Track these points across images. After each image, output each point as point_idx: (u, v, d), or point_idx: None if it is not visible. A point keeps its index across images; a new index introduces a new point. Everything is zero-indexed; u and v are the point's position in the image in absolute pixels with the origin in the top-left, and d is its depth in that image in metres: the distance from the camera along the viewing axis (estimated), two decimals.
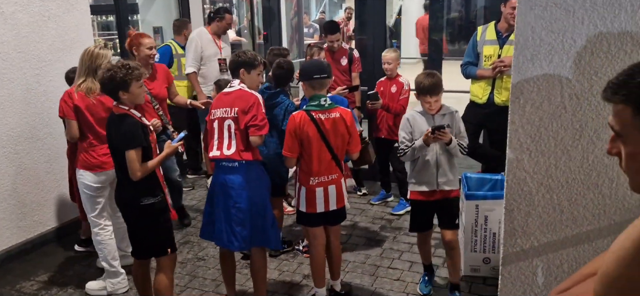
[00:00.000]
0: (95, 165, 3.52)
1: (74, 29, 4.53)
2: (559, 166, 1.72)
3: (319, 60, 3.36)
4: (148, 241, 3.07)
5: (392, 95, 4.77)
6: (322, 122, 3.11)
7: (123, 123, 2.89)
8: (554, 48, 1.65)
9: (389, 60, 4.80)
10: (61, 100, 3.50)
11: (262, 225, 3.21)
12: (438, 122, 3.23)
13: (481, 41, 4.63)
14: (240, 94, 3.13)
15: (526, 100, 1.71)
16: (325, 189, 3.20)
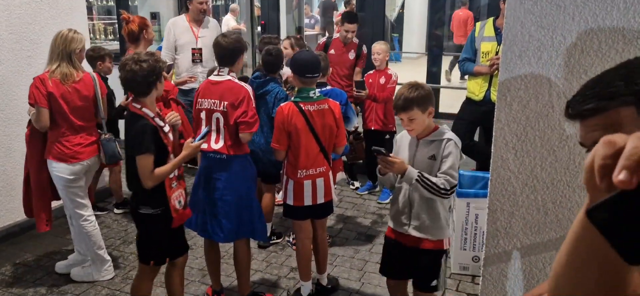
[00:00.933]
0: (69, 156, 3.37)
1: (67, 11, 4.47)
2: (545, 166, 1.67)
3: (313, 55, 3.28)
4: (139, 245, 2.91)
5: (381, 87, 4.82)
6: (310, 114, 3.07)
7: (134, 125, 2.64)
8: (543, 44, 1.60)
9: (379, 51, 4.83)
10: (32, 86, 3.27)
11: (249, 217, 3.18)
12: (420, 149, 2.54)
13: (479, 37, 4.58)
14: (230, 86, 3.04)
15: (513, 98, 1.66)
16: (314, 182, 3.16)
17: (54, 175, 3.41)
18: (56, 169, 3.38)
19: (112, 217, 4.68)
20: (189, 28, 5.07)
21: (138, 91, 2.66)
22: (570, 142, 1.63)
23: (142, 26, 3.97)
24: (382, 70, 4.86)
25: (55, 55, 3.31)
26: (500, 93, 1.69)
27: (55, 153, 3.37)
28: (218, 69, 3.10)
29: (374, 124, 4.95)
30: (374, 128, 4.95)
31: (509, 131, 1.69)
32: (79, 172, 3.44)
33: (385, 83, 4.82)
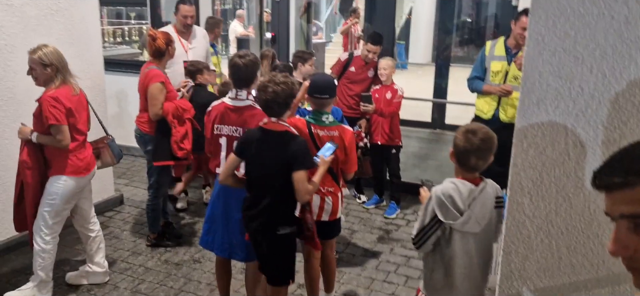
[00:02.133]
0: (83, 169, 3.41)
1: (81, 21, 4.52)
2: (560, 212, 1.69)
3: (326, 78, 3.28)
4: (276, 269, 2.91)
5: (387, 102, 4.88)
6: (318, 138, 3.08)
7: (293, 142, 2.67)
8: (560, 94, 1.62)
9: (385, 67, 4.91)
10: (49, 107, 3.19)
11: None
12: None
13: (490, 56, 4.60)
14: (251, 113, 3.06)
15: (530, 144, 1.69)
16: (322, 199, 3.18)
17: (59, 192, 3.35)
18: (65, 184, 3.35)
19: (120, 227, 4.72)
20: (177, 39, 4.85)
21: (278, 111, 2.74)
22: (585, 190, 1.65)
23: (168, 42, 4.02)
24: (388, 85, 4.92)
25: (61, 68, 3.32)
26: (516, 138, 1.71)
27: (71, 169, 3.37)
28: (235, 91, 3.11)
29: (380, 139, 4.99)
30: (380, 143, 4.99)
31: (524, 176, 1.71)
32: (84, 186, 3.49)
33: (392, 98, 4.88)
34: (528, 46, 1.63)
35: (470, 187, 2.31)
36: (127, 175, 6.02)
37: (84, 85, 4.57)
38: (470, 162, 2.30)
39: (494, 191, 2.40)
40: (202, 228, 3.36)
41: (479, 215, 2.30)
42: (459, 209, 2.27)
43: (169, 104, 3.93)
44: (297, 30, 8.90)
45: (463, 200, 2.28)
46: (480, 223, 2.31)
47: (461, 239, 2.33)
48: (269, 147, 2.72)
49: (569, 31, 1.58)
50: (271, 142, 2.72)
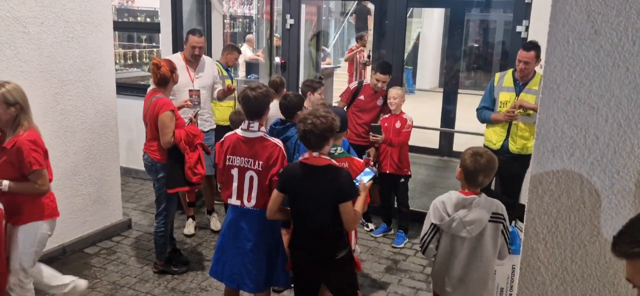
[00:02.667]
0: (55, 210, 3.30)
1: (96, 49, 4.59)
2: (575, 260, 1.69)
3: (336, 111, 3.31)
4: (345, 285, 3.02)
5: (397, 131, 4.91)
6: None
7: (338, 176, 2.77)
8: (575, 142, 1.63)
9: (395, 96, 4.94)
10: (31, 151, 3.01)
11: (276, 267, 3.23)
12: None
13: (498, 87, 4.64)
14: (262, 144, 3.11)
15: (544, 191, 1.70)
16: None
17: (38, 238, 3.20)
18: (43, 229, 3.22)
19: (127, 252, 4.72)
20: (185, 67, 4.85)
21: (315, 144, 2.78)
22: (601, 238, 1.65)
23: (172, 70, 4.06)
24: (397, 114, 4.95)
25: (26, 108, 3.10)
26: (532, 185, 1.72)
27: (47, 212, 3.23)
28: (247, 122, 3.15)
29: (389, 168, 4.99)
30: (389, 172, 4.99)
31: (539, 222, 1.72)
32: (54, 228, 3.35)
33: (401, 127, 4.91)
34: (543, 94, 1.65)
35: (460, 196, 2.74)
36: (135, 199, 6.04)
37: (97, 110, 4.67)
38: (478, 180, 2.72)
39: (491, 206, 2.74)
40: (213, 258, 3.37)
41: (467, 220, 2.68)
42: (447, 212, 2.72)
43: (180, 131, 3.96)
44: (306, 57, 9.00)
45: (452, 205, 2.72)
46: (468, 229, 2.69)
47: (451, 241, 2.79)
48: (313, 182, 2.79)
49: (584, 81, 1.60)
50: (315, 177, 2.79)
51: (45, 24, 4.11)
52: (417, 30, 15.06)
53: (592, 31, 1.55)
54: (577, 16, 1.56)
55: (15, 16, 3.87)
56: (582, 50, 1.58)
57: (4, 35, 3.82)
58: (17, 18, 3.89)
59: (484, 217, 2.70)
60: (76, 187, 4.59)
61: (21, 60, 3.97)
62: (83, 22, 4.43)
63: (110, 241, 4.91)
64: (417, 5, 12.33)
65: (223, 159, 3.19)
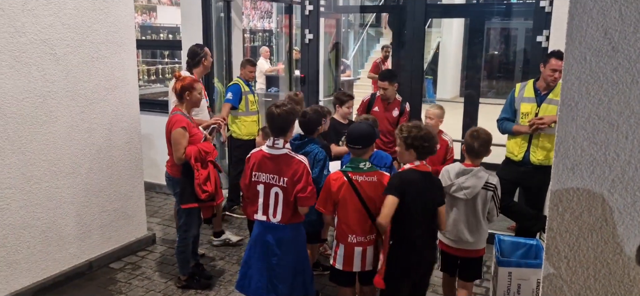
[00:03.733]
0: None
1: (120, 68, 4.70)
2: (599, 278, 1.67)
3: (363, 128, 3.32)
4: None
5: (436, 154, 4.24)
6: (359, 185, 3.13)
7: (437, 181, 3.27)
8: (596, 160, 1.62)
9: (431, 115, 4.52)
10: None
11: (303, 281, 3.27)
12: None
13: (519, 98, 4.59)
14: (287, 161, 3.16)
15: (565, 209, 1.68)
16: (364, 250, 3.20)
17: None
18: None
19: (152, 267, 4.79)
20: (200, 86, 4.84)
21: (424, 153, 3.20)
22: (624, 256, 1.63)
23: (189, 88, 4.12)
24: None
25: None
26: (552, 203, 1.71)
27: None
28: (273, 139, 3.20)
29: None
30: None
31: (561, 240, 1.70)
32: None
33: (441, 150, 4.50)
34: (561, 112, 1.64)
35: (460, 166, 3.47)
36: (159, 213, 6.13)
37: (121, 127, 4.77)
38: (475, 148, 3.43)
39: (485, 177, 3.42)
40: (239, 272, 3.42)
41: (463, 185, 3.37)
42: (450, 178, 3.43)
43: (192, 148, 4.00)
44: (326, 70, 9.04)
45: (454, 173, 3.43)
46: (464, 193, 3.37)
47: (451, 201, 3.42)
48: (425, 186, 3.09)
49: (602, 98, 1.59)
50: (426, 182, 3.10)
51: (71, 46, 4.22)
52: (436, 40, 15.02)
53: (610, 48, 1.54)
54: (594, 33, 1.55)
55: (42, 39, 4.00)
56: (600, 67, 1.57)
57: (32, 57, 3.94)
58: (44, 40, 4.01)
59: (478, 184, 3.37)
60: (102, 203, 4.69)
61: (48, 81, 4.09)
62: (108, 43, 4.54)
63: (135, 256, 4.99)
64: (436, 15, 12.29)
65: (249, 175, 3.24)
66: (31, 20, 3.90)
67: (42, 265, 4.23)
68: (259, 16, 13.59)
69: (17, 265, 4.04)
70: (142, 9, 11.31)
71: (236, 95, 5.71)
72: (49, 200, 4.22)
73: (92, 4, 4.36)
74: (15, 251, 4.01)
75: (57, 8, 4.07)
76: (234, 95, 5.70)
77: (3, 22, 3.72)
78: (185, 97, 4.10)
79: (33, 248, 4.14)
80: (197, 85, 4.17)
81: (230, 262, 4.89)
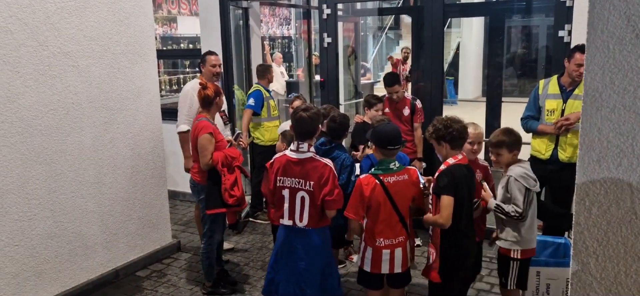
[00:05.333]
0: None
1: (141, 78, 4.77)
2: (630, 273, 1.61)
3: (394, 128, 3.30)
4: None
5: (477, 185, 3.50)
6: (390, 185, 3.10)
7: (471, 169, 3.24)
8: (622, 151, 1.56)
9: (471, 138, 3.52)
10: None
11: (331, 284, 3.26)
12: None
13: (543, 95, 4.50)
14: (313, 165, 3.15)
15: (592, 203, 1.63)
16: (392, 252, 3.16)
17: None
18: None
19: (177, 274, 4.83)
20: None
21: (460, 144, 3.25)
22: None
23: (216, 93, 4.17)
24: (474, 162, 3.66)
25: None
26: (578, 196, 1.66)
27: None
28: (297, 143, 3.19)
29: None
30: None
31: (589, 235, 1.65)
32: None
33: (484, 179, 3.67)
34: (585, 103, 1.59)
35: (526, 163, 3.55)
36: (184, 221, 6.19)
37: (144, 137, 4.83)
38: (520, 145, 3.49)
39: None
40: (266, 278, 3.42)
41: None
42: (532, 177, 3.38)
43: (218, 153, 4.04)
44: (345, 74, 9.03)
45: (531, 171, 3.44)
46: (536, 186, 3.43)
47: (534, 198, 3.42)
48: (470, 179, 3.14)
49: (627, 87, 1.53)
50: (470, 174, 3.15)
51: (93, 57, 4.30)
52: (456, 40, 14.88)
53: (633, 35, 1.49)
54: (616, 21, 1.50)
55: (65, 51, 4.08)
56: (624, 56, 1.52)
57: (55, 70, 4.02)
58: (67, 53, 4.09)
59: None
60: (127, 212, 4.76)
61: (72, 93, 4.17)
62: (128, 54, 4.61)
63: (160, 263, 5.04)
64: (454, 15, 12.18)
65: (273, 180, 3.24)
66: (54, 34, 3.98)
67: (70, 274, 4.30)
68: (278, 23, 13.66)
69: (45, 275, 4.11)
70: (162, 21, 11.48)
71: (258, 101, 5.74)
72: (74, 210, 4.29)
73: (112, 16, 4.43)
74: (43, 261, 4.09)
75: (78, 21, 4.15)
76: (256, 101, 5.73)
77: (26, 36, 3.81)
78: (215, 103, 4.17)
79: (60, 257, 4.21)
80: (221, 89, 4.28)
81: (254, 268, 4.90)
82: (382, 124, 3.41)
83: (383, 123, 3.54)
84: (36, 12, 3.85)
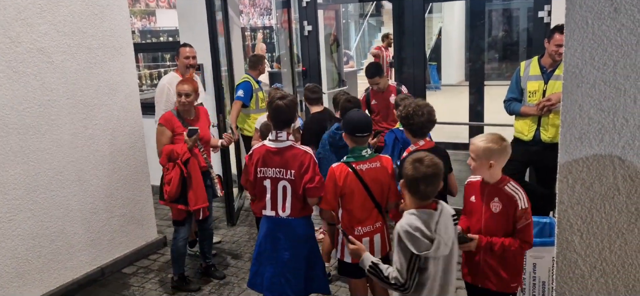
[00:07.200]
0: None
1: (119, 73, 4.68)
2: (614, 249, 1.61)
3: (363, 115, 3.27)
4: None
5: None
6: (363, 173, 3.08)
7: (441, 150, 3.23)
8: (604, 127, 1.56)
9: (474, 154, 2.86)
10: None
11: (316, 274, 3.23)
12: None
13: (525, 77, 4.51)
14: (293, 153, 3.11)
15: (575, 180, 1.62)
16: (371, 239, 3.15)
17: None
18: None
19: (164, 270, 4.78)
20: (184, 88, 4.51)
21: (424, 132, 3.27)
22: (639, 225, 1.57)
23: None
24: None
25: None
26: (561, 175, 1.65)
27: None
28: (276, 133, 3.14)
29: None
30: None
31: (573, 213, 1.64)
32: None
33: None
34: (565, 80, 1.58)
35: (431, 212, 2.40)
36: (169, 216, 6.09)
37: (124, 132, 4.75)
38: (420, 189, 2.39)
39: (450, 210, 2.52)
40: (250, 270, 3.38)
41: (445, 237, 2.39)
42: (428, 237, 2.34)
43: (167, 147, 4.02)
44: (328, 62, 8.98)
45: (428, 228, 2.36)
46: (448, 244, 2.41)
47: (435, 265, 2.41)
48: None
49: (607, 62, 1.52)
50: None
51: (68, 53, 4.21)
52: (438, 26, 14.89)
53: (612, 9, 1.48)
54: None
55: (39, 47, 3.98)
56: (603, 31, 1.50)
57: (30, 66, 3.92)
58: (41, 49, 4.00)
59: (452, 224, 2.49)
60: (111, 209, 4.68)
61: (48, 90, 4.07)
62: (105, 48, 4.52)
63: (147, 259, 4.99)
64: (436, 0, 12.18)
65: (253, 172, 3.19)
66: (26, 30, 3.88)
67: (54, 274, 4.23)
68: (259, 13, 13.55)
69: (28, 276, 4.04)
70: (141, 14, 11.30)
71: (247, 93, 5.66)
72: (56, 208, 4.21)
73: (87, 10, 4.33)
74: (26, 262, 4.01)
75: (51, 16, 4.05)
76: (245, 93, 5.64)
77: None
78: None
79: (43, 257, 4.14)
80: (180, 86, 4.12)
81: (243, 260, 4.86)
82: (352, 111, 3.37)
83: (353, 110, 3.50)
84: (7, 7, 3.75)
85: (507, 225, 2.76)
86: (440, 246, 2.35)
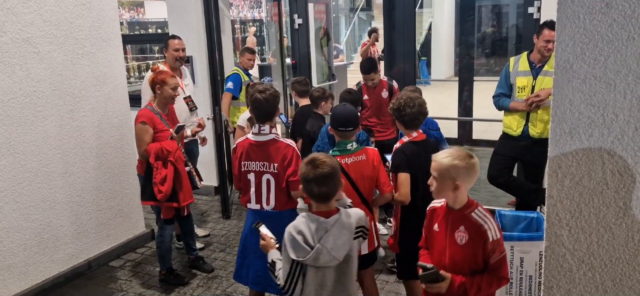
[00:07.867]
0: None
1: (106, 64, 4.62)
2: (602, 244, 1.62)
3: (349, 109, 3.26)
4: None
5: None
6: (347, 167, 3.07)
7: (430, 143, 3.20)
8: (594, 122, 1.56)
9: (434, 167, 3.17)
10: None
11: None
12: None
13: (514, 72, 4.53)
14: (276, 146, 3.09)
15: (565, 174, 1.63)
16: None
17: None
18: None
19: (152, 263, 4.75)
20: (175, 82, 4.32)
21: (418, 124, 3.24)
22: (627, 220, 1.58)
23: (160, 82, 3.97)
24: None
25: None
26: (551, 169, 1.65)
27: None
28: (258, 126, 3.13)
29: None
30: None
31: (562, 207, 1.65)
32: None
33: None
34: (556, 74, 1.59)
35: (320, 220, 2.26)
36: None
37: (111, 124, 4.70)
38: (314, 190, 2.26)
39: (356, 221, 2.34)
40: (236, 262, 3.37)
41: (332, 247, 2.23)
42: (309, 244, 2.22)
43: (153, 145, 3.87)
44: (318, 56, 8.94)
45: (312, 234, 2.23)
46: (335, 256, 2.24)
47: (315, 274, 2.27)
48: (424, 155, 2.90)
49: (598, 57, 1.53)
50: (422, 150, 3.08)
51: (54, 43, 4.14)
52: (428, 20, 14.92)
53: (603, 4, 1.48)
54: None
55: (24, 37, 3.92)
56: (594, 25, 1.51)
57: (15, 56, 3.86)
58: (26, 39, 3.93)
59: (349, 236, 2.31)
60: (98, 202, 4.64)
61: (34, 80, 4.01)
62: (92, 38, 4.46)
63: (134, 253, 4.95)
64: None
65: (237, 166, 3.19)
66: (11, 19, 3.81)
67: (40, 267, 4.18)
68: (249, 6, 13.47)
69: (15, 269, 3.99)
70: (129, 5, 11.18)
71: (237, 85, 5.63)
72: (42, 201, 4.16)
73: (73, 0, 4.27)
74: (11, 255, 3.96)
75: (37, 5, 3.98)
76: (235, 85, 5.61)
77: None
78: (157, 91, 3.97)
79: (29, 250, 4.09)
80: (170, 80, 3.98)
81: (231, 253, 4.85)
82: (338, 106, 3.37)
83: (339, 105, 3.48)
84: None
85: (475, 259, 2.28)
86: (320, 256, 2.20)
